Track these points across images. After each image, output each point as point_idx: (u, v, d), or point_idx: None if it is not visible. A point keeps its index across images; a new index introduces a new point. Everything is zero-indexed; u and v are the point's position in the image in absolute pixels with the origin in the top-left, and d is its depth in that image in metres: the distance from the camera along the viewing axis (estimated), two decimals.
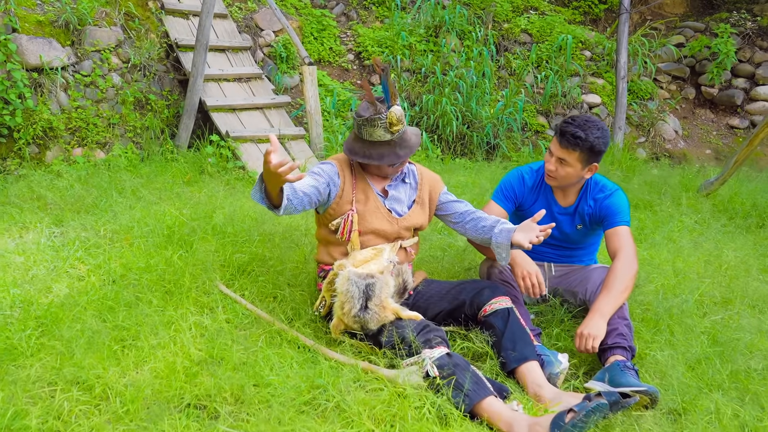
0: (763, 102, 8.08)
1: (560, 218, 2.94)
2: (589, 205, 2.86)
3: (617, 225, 2.76)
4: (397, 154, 2.56)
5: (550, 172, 2.79)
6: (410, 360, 2.34)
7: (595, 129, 2.68)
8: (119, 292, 2.76)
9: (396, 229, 2.65)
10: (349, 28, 7.58)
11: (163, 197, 4.18)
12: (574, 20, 8.40)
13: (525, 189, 2.97)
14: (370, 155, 2.56)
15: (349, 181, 2.63)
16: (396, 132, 2.53)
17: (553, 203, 2.93)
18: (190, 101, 5.29)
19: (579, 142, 2.65)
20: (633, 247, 2.69)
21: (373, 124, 2.51)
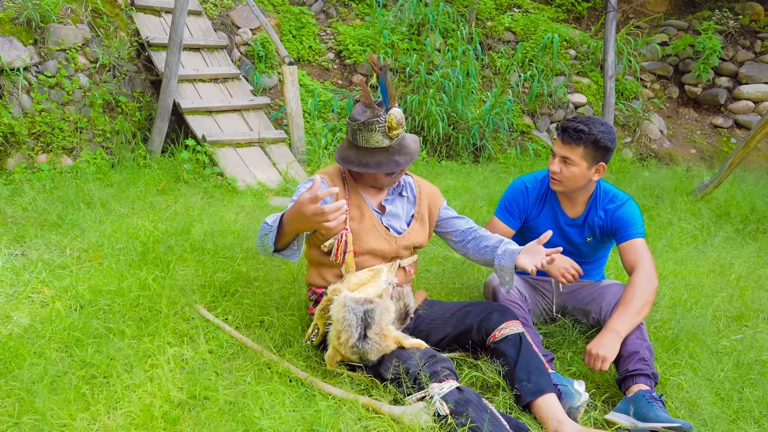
0: (746, 101, 8.02)
1: (568, 230, 2.73)
2: (600, 217, 2.66)
3: (632, 237, 2.57)
4: (397, 161, 2.32)
5: (554, 174, 2.59)
6: (416, 396, 2.11)
7: (599, 124, 2.52)
8: (87, 321, 2.48)
9: (394, 248, 2.41)
10: (328, 25, 7.32)
11: (135, 209, 3.88)
12: (558, 18, 8.25)
13: (529, 201, 2.76)
14: (367, 163, 2.32)
15: (342, 196, 2.38)
16: (395, 137, 2.30)
17: (560, 213, 2.73)
18: (163, 103, 4.98)
19: (582, 135, 2.47)
20: (651, 261, 2.50)
21: (370, 128, 2.27)
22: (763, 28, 8.26)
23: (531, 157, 6.46)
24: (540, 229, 2.72)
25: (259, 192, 4.50)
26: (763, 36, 8.14)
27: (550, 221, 2.74)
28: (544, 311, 2.83)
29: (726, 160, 5.01)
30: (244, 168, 4.82)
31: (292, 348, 2.47)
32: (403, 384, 2.13)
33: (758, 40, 8.14)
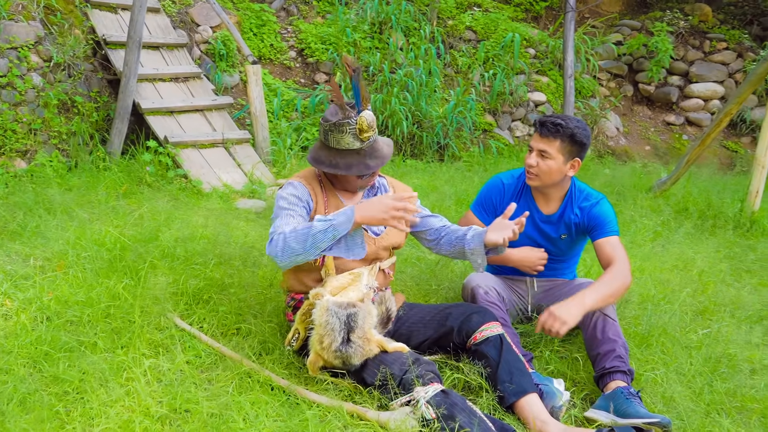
0: (696, 99, 8.30)
1: (543, 226, 2.77)
2: (576, 214, 2.71)
3: (608, 235, 2.63)
4: (367, 164, 2.31)
5: (531, 168, 2.64)
6: (401, 400, 2.10)
7: (575, 120, 2.62)
8: (56, 334, 2.38)
9: (374, 249, 2.40)
10: (289, 23, 7.23)
11: (98, 214, 3.76)
12: (517, 17, 8.36)
13: (505, 197, 2.80)
14: (337, 164, 2.31)
15: (321, 199, 2.36)
16: (366, 140, 2.29)
17: (535, 210, 2.77)
18: (122, 103, 4.83)
19: (560, 129, 2.55)
20: (627, 259, 2.56)
21: (341, 129, 2.26)
22: (711, 29, 8.56)
23: (494, 155, 6.53)
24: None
25: (225, 194, 4.42)
26: (711, 36, 8.43)
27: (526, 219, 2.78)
28: (520, 311, 2.87)
29: (683, 157, 5.18)
30: (209, 170, 4.72)
31: (272, 355, 2.43)
32: (387, 388, 2.12)
33: (707, 41, 8.43)
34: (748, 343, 2.80)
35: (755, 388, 2.44)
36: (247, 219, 3.89)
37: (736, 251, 3.99)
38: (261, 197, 4.44)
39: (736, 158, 7.81)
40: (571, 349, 2.68)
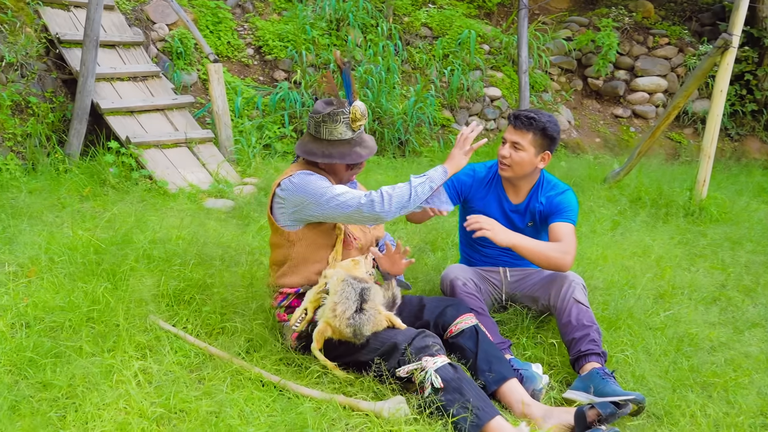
0: (642, 92, 8.65)
1: (511, 215, 2.90)
2: (541, 203, 2.84)
3: (564, 221, 2.74)
4: (359, 153, 2.40)
5: (504, 159, 2.76)
6: (408, 367, 2.16)
7: (547, 114, 2.76)
8: (39, 340, 2.35)
9: (369, 238, 2.54)
10: (245, 20, 7.17)
11: (64, 217, 3.68)
12: (470, 14, 8.52)
13: (474, 181, 2.91)
14: (331, 154, 2.38)
15: None
16: (358, 129, 2.39)
17: (505, 200, 2.89)
18: (80, 104, 4.72)
19: (533, 122, 2.68)
20: (574, 247, 2.68)
21: (335, 119, 2.34)
22: (654, 25, 8.93)
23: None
24: (486, 213, 2.87)
25: (192, 194, 4.38)
26: (654, 32, 8.79)
27: (495, 206, 2.90)
28: (495, 300, 2.98)
29: (635, 149, 5.41)
30: (174, 170, 4.67)
31: (260, 353, 2.47)
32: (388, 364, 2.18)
33: (650, 36, 8.79)
34: (706, 322, 2.99)
35: (715, 364, 2.62)
36: (218, 219, 3.88)
37: (688, 237, 4.23)
38: (229, 197, 4.43)
39: (680, 148, 8.20)
40: (546, 335, 2.80)
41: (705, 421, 2.25)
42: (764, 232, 4.49)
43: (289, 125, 6.10)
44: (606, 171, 5.84)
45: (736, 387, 2.45)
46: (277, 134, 5.97)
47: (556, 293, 2.73)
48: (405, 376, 2.16)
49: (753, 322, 3.08)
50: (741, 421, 2.26)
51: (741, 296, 3.39)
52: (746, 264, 3.82)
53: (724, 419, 2.27)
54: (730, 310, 3.22)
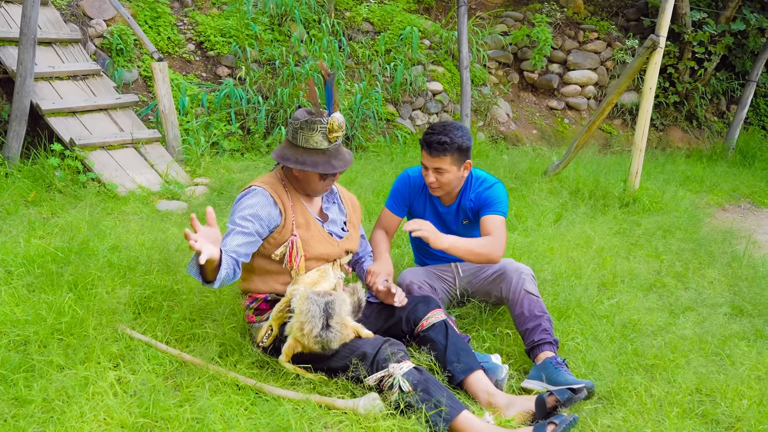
0: (574, 85, 9.03)
1: (446, 217, 3.04)
2: (471, 200, 2.97)
3: (493, 213, 2.87)
4: (332, 164, 2.44)
5: (432, 185, 2.86)
6: (377, 375, 2.28)
7: (456, 129, 2.78)
8: (6, 355, 2.32)
9: (338, 251, 2.58)
10: (185, 15, 7.03)
11: (11, 224, 3.58)
12: (410, 9, 8.64)
13: (412, 191, 3.04)
14: (304, 162, 2.41)
15: (288, 204, 2.47)
16: (334, 140, 2.43)
17: (438, 204, 3.04)
18: (19, 105, 4.55)
19: (447, 146, 2.74)
20: (504, 238, 2.81)
21: (312, 128, 2.38)
22: (584, 20, 9.32)
23: (400, 144, 6.79)
24: (423, 217, 3.04)
25: (143, 197, 4.32)
26: (584, 27, 9.18)
27: (430, 211, 3.05)
28: (452, 297, 3.13)
29: (572, 143, 5.70)
30: (122, 172, 4.59)
31: (233, 357, 2.52)
32: (358, 370, 2.29)
33: (581, 31, 9.17)
34: (646, 308, 3.25)
35: (656, 347, 2.86)
36: (174, 222, 3.86)
37: (624, 227, 4.52)
38: (181, 198, 4.40)
39: (611, 139, 8.63)
40: (501, 326, 2.97)
41: (650, 400, 2.47)
42: (691, 220, 4.86)
43: (236, 122, 6.07)
44: (545, 163, 6.11)
45: (675, 367, 2.69)
46: (224, 132, 5.92)
47: (507, 286, 2.87)
48: (373, 384, 2.27)
49: (686, 306, 3.36)
50: (681, 399, 2.49)
51: (674, 282, 3.68)
52: (677, 251, 4.14)
53: (666, 397, 2.50)
54: (665, 296, 3.49)
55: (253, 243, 2.38)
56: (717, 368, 2.74)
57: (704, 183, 6.39)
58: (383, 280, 2.63)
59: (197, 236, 2.05)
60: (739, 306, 3.42)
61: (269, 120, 6.32)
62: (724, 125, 9.19)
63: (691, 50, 8.61)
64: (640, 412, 2.41)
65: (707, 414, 2.43)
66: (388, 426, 2.14)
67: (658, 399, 2.49)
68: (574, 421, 2.13)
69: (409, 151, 6.64)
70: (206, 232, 2.13)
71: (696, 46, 8.50)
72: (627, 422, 2.33)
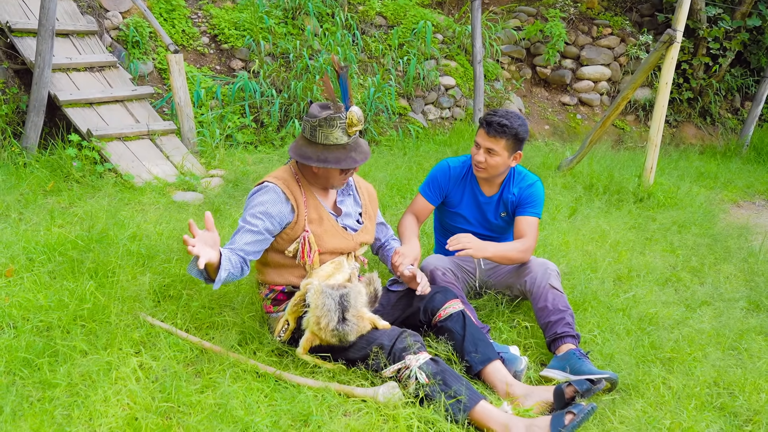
0: (587, 81, 8.99)
1: (485, 207, 3.06)
2: (513, 194, 3.01)
3: (530, 215, 2.96)
4: (353, 158, 2.44)
5: (479, 164, 2.90)
6: (393, 367, 2.29)
7: (517, 117, 2.86)
8: (31, 340, 2.35)
9: (352, 244, 2.58)
10: (199, 8, 7.06)
11: (30, 214, 3.61)
12: (423, 3, 8.63)
13: (451, 181, 3.05)
14: (326, 159, 2.41)
15: (301, 200, 2.47)
16: (353, 134, 2.43)
17: (479, 194, 3.05)
18: (37, 95, 4.59)
19: (506, 129, 2.79)
20: (535, 241, 2.93)
21: (331, 124, 2.37)
22: (598, 15, 9.28)
23: (413, 138, 6.80)
24: (461, 208, 3.07)
25: (159, 188, 4.35)
26: (598, 22, 9.14)
27: (470, 200, 3.06)
28: (470, 288, 3.14)
29: (586, 138, 5.68)
30: (138, 163, 4.62)
31: (252, 345, 2.54)
32: (377, 360, 2.31)
33: (594, 26, 9.13)
34: (662, 302, 3.24)
35: (673, 340, 2.86)
36: (190, 213, 3.88)
37: (639, 222, 4.51)
38: (197, 190, 4.42)
39: (623, 135, 8.59)
40: (519, 318, 2.98)
41: (668, 393, 2.47)
42: (706, 216, 4.84)
43: (249, 115, 6.09)
44: (558, 158, 6.10)
45: (692, 361, 2.69)
46: (237, 124, 5.95)
47: (532, 280, 2.89)
48: (391, 375, 2.29)
49: (702, 300, 3.35)
50: (699, 391, 2.49)
51: (690, 277, 3.67)
52: (693, 246, 4.13)
53: (684, 390, 2.50)
54: (681, 290, 3.49)
55: (263, 241, 2.41)
56: (735, 362, 2.74)
57: (718, 179, 6.35)
58: (409, 264, 2.63)
59: (195, 241, 2.10)
60: (755, 301, 3.41)
61: (283, 113, 6.34)
62: (738, 122, 9.13)
63: (705, 46, 8.55)
64: (658, 404, 2.41)
65: (725, 407, 2.43)
66: (408, 414, 2.15)
67: (676, 391, 2.49)
68: (592, 410, 2.13)
69: (422, 145, 6.65)
70: (204, 237, 2.18)
71: (711, 42, 8.44)
72: (645, 413, 2.33)
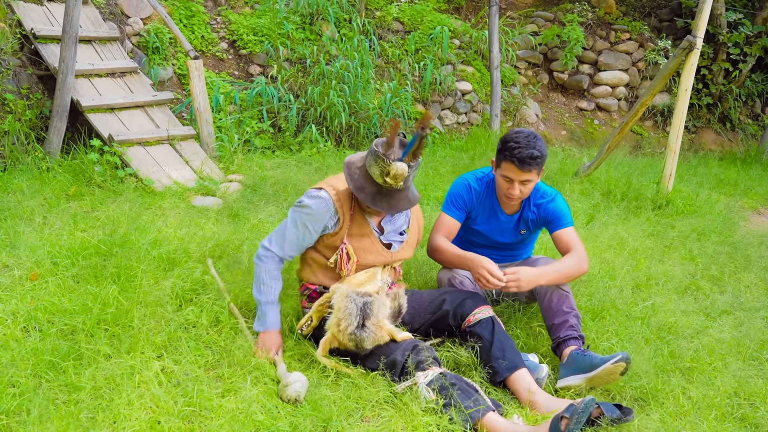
0: (605, 86, 8.95)
1: (506, 226, 3.06)
2: (533, 212, 3.00)
3: (564, 227, 2.93)
4: (375, 200, 2.43)
5: (514, 196, 2.84)
6: (403, 385, 2.32)
7: (537, 139, 2.79)
8: (56, 343, 2.40)
9: (389, 260, 2.63)
10: (218, 14, 7.13)
11: (54, 218, 3.67)
12: (440, 8, 8.65)
13: (474, 196, 3.03)
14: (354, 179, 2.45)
15: (347, 214, 2.52)
16: (388, 186, 2.40)
17: (500, 212, 3.04)
18: (60, 101, 4.67)
19: (538, 160, 2.75)
20: (583, 247, 2.88)
21: (375, 159, 2.38)
22: (616, 21, 9.24)
23: (429, 143, 6.81)
24: (483, 227, 3.05)
25: (178, 192, 4.41)
26: (616, 27, 9.10)
27: (491, 219, 3.05)
28: (487, 295, 3.14)
29: (604, 144, 5.66)
30: (158, 168, 4.68)
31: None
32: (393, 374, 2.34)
33: (612, 31, 9.09)
34: (681, 311, 3.22)
35: (693, 349, 2.84)
36: (209, 218, 3.93)
37: (658, 229, 4.48)
38: (217, 195, 4.47)
39: (642, 141, 8.54)
40: (534, 324, 2.98)
41: (687, 403, 2.46)
42: (726, 224, 4.79)
43: (267, 120, 6.14)
44: (575, 164, 6.07)
45: (712, 371, 2.67)
46: (255, 129, 6.00)
47: None
48: (402, 391, 2.31)
49: (723, 309, 3.33)
50: (719, 402, 2.48)
51: (710, 285, 3.64)
52: (712, 254, 4.09)
53: (704, 400, 2.49)
54: (701, 299, 3.46)
55: (302, 247, 2.55)
56: (756, 372, 2.72)
57: (738, 186, 6.29)
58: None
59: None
60: None
61: (300, 118, 6.38)
62: (758, 128, 9.03)
63: (725, 51, 8.48)
64: (678, 414, 2.40)
65: (746, 418, 2.42)
66: (427, 422, 2.16)
67: (696, 402, 2.48)
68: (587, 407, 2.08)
69: (438, 150, 6.66)
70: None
71: (731, 47, 8.36)
72: (664, 423, 2.32)
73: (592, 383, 2.48)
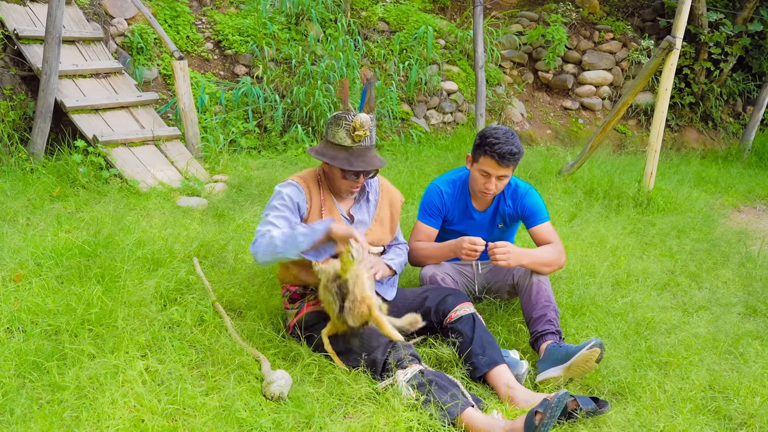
0: (589, 85, 9.04)
1: (482, 223, 3.10)
2: (509, 205, 3.06)
3: (540, 222, 3.00)
4: (351, 161, 2.51)
5: (490, 191, 2.92)
6: (384, 383, 2.35)
7: (516, 138, 2.88)
8: (40, 344, 2.41)
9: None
10: (203, 14, 7.13)
11: (37, 219, 3.67)
12: (425, 8, 8.70)
13: (447, 203, 3.09)
14: (324, 153, 2.54)
15: (317, 201, 2.57)
16: (357, 140, 2.49)
17: (473, 211, 3.09)
18: (43, 102, 4.66)
19: (517, 156, 2.85)
20: (560, 241, 2.96)
21: (338, 123, 2.50)
22: (599, 20, 9.32)
23: (415, 143, 6.85)
24: (458, 226, 3.11)
25: (163, 193, 4.42)
26: (599, 27, 9.18)
27: (466, 219, 3.10)
28: (469, 292, 3.18)
29: (587, 143, 5.73)
30: (143, 168, 4.68)
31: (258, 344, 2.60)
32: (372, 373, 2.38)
33: (596, 31, 9.18)
34: (659, 307, 3.28)
35: (669, 344, 2.90)
36: (194, 218, 3.94)
37: (639, 227, 4.55)
38: (201, 195, 4.48)
39: (625, 139, 8.63)
40: (515, 320, 3.02)
41: (663, 396, 2.52)
42: (705, 221, 4.88)
43: (253, 120, 6.15)
44: (559, 163, 6.14)
45: (688, 365, 2.73)
46: (241, 130, 6.01)
47: (519, 272, 2.95)
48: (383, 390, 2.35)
49: (700, 305, 3.39)
50: (694, 395, 2.53)
51: (688, 281, 3.71)
52: (691, 251, 4.17)
53: (680, 394, 2.54)
54: (679, 295, 3.53)
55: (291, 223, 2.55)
56: (730, 366, 2.78)
57: (719, 184, 6.39)
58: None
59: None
60: (753, 306, 3.45)
61: (286, 118, 6.40)
62: (739, 126, 9.16)
63: (707, 51, 8.59)
64: (654, 407, 2.46)
65: (720, 410, 2.47)
66: (408, 417, 2.20)
67: (672, 395, 2.54)
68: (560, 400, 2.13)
69: (424, 149, 6.70)
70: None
71: (712, 47, 8.48)
72: (640, 417, 2.38)
73: (570, 373, 2.53)
